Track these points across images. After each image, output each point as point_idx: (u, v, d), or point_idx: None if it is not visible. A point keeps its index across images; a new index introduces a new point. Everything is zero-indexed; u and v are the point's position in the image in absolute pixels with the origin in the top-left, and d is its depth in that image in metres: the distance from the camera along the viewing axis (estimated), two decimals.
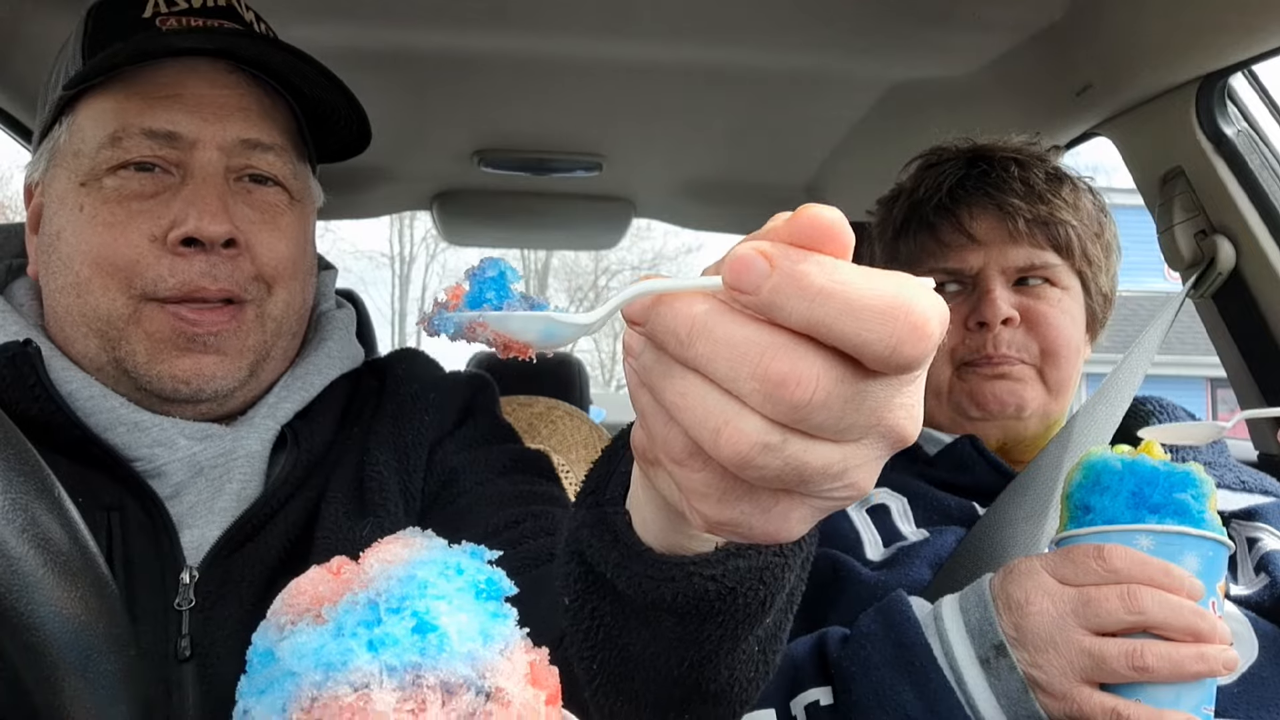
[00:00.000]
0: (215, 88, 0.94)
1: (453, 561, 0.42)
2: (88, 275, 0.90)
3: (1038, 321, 1.23)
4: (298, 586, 0.43)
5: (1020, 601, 0.85)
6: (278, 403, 0.98)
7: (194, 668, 0.86)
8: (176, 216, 0.89)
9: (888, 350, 0.37)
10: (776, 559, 0.56)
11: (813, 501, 0.43)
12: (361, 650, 0.38)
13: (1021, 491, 1.15)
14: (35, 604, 0.49)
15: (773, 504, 0.42)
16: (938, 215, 1.28)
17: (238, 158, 0.94)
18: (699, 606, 0.55)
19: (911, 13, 1.62)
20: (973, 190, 1.26)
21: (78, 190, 0.91)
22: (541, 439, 1.88)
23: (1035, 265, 1.24)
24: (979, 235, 1.25)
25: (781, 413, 0.38)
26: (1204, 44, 1.42)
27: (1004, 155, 1.29)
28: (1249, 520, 1.14)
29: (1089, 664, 0.81)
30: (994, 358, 1.22)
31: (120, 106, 0.91)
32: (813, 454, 0.39)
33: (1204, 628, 0.79)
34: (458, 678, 0.39)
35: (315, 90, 0.98)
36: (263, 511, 0.91)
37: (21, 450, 0.54)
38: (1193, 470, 0.85)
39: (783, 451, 0.39)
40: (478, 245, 3.28)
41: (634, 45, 1.79)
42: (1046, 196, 1.24)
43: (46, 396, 0.87)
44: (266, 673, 0.40)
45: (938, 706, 0.86)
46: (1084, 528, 0.87)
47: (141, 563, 0.87)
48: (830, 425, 0.39)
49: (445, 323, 0.43)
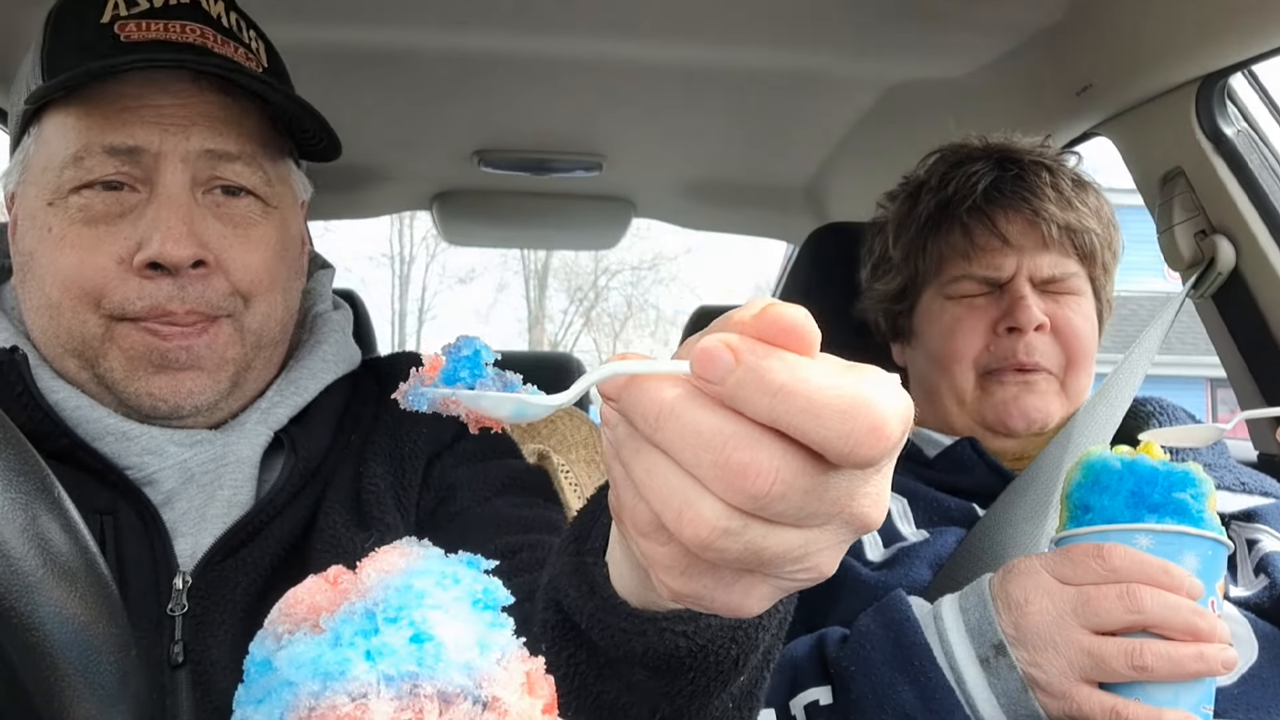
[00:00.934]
0: (177, 98, 0.91)
1: (449, 571, 0.42)
2: (58, 298, 0.89)
3: (1064, 328, 1.22)
4: (295, 596, 0.43)
5: (1020, 601, 0.85)
6: (270, 408, 0.97)
7: (187, 674, 0.85)
8: (142, 238, 0.87)
9: (847, 449, 0.38)
10: (750, 621, 0.57)
11: (774, 581, 0.44)
12: (359, 660, 0.38)
13: (1021, 492, 1.15)
14: (35, 604, 0.49)
15: (734, 581, 0.43)
16: (971, 216, 1.25)
17: (204, 169, 0.91)
18: (670, 661, 0.56)
19: (911, 13, 1.62)
20: (1008, 194, 1.24)
21: (45, 210, 0.90)
22: (541, 439, 1.88)
23: (1062, 273, 1.24)
24: (1012, 239, 1.23)
25: (741, 500, 0.39)
26: (1204, 44, 1.42)
27: (1033, 159, 1.27)
28: (1249, 522, 1.14)
29: (1088, 663, 0.81)
30: (1025, 365, 1.20)
31: (81, 124, 0.89)
32: (773, 539, 0.40)
33: (1203, 627, 0.79)
34: (454, 687, 0.39)
35: (277, 97, 0.94)
36: (257, 518, 0.90)
37: (21, 450, 0.54)
38: (1192, 470, 0.85)
39: (742, 536, 0.40)
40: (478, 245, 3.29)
41: (634, 45, 1.79)
42: (1075, 203, 1.24)
43: (34, 404, 0.86)
44: (264, 682, 0.40)
45: (937, 706, 0.86)
46: (1083, 527, 0.88)
47: (135, 567, 0.86)
48: (791, 513, 0.40)
49: (419, 398, 0.44)
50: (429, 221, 3.07)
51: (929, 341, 1.29)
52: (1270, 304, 1.52)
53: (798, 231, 2.49)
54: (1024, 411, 1.21)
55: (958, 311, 1.26)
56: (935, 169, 1.32)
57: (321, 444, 0.98)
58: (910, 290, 1.33)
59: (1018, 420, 1.21)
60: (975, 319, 1.24)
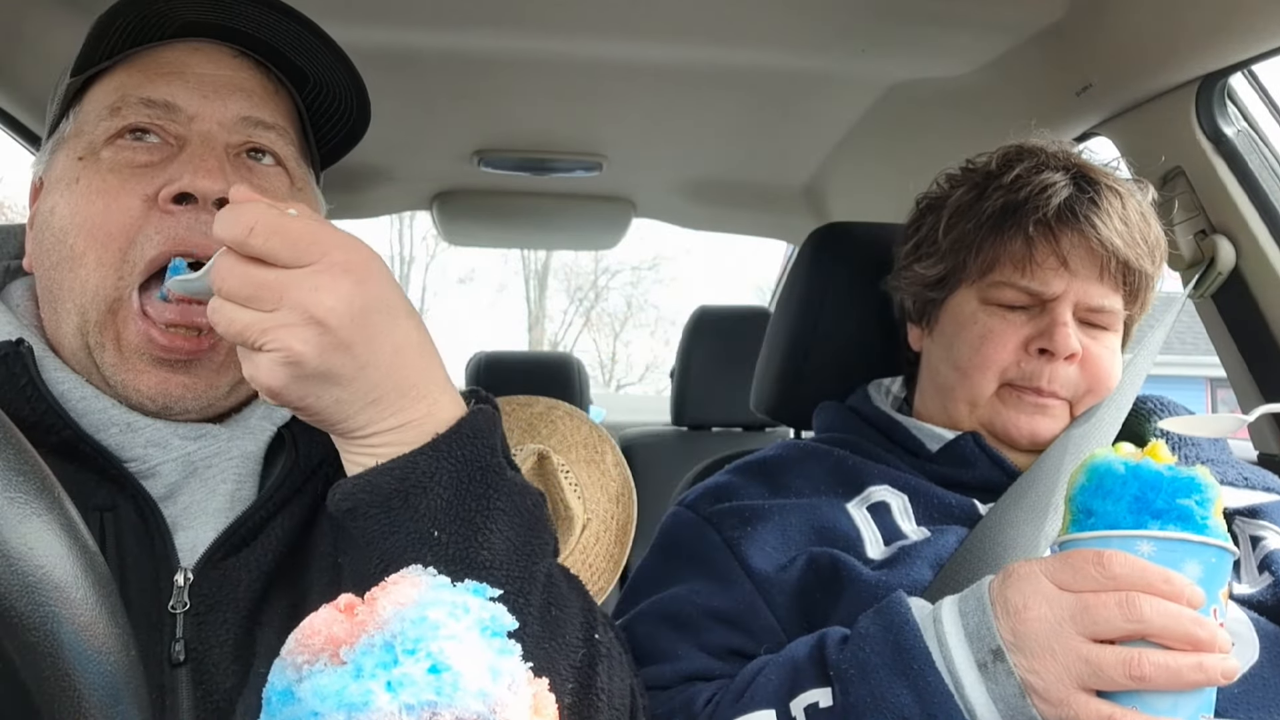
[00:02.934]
0: (219, 68, 0.93)
1: (459, 601, 0.45)
2: (82, 248, 0.88)
3: (1093, 363, 1.20)
4: (311, 626, 0.45)
5: (1018, 606, 0.84)
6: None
7: (188, 672, 0.84)
8: (171, 174, 0.88)
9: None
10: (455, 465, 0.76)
11: (266, 356, 0.71)
12: (381, 691, 0.40)
13: (1024, 492, 1.15)
14: (35, 604, 0.49)
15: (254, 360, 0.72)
16: (1038, 230, 1.20)
17: (238, 134, 0.93)
18: (383, 506, 0.76)
19: (911, 13, 1.62)
20: (1080, 216, 1.19)
21: (75, 165, 0.91)
22: (541, 439, 1.88)
23: (1107, 308, 1.21)
24: (1071, 263, 1.20)
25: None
26: (1204, 44, 1.42)
27: (1109, 185, 1.22)
28: (1253, 518, 1.14)
29: (1086, 671, 0.80)
30: (1045, 390, 1.19)
31: (121, 82, 0.92)
32: (237, 316, 0.71)
33: (1203, 637, 0.78)
34: (471, 714, 0.41)
35: (318, 69, 0.97)
36: (258, 515, 0.90)
37: (21, 449, 0.54)
38: (1197, 475, 0.83)
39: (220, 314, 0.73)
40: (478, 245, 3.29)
41: (634, 45, 1.79)
42: (1138, 239, 1.20)
43: (38, 396, 0.86)
44: (288, 712, 0.42)
45: (936, 710, 0.85)
46: (1085, 532, 0.87)
47: (135, 565, 0.86)
48: (241, 297, 0.71)
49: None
50: (429, 221, 3.07)
51: (955, 343, 1.26)
52: (1270, 304, 1.52)
53: (798, 231, 2.49)
54: (1033, 432, 1.20)
55: (991, 322, 1.23)
56: (1009, 165, 1.26)
57: (323, 440, 0.98)
58: (949, 280, 1.28)
59: (1023, 439, 1.21)
60: (1009, 333, 1.22)
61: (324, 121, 1.04)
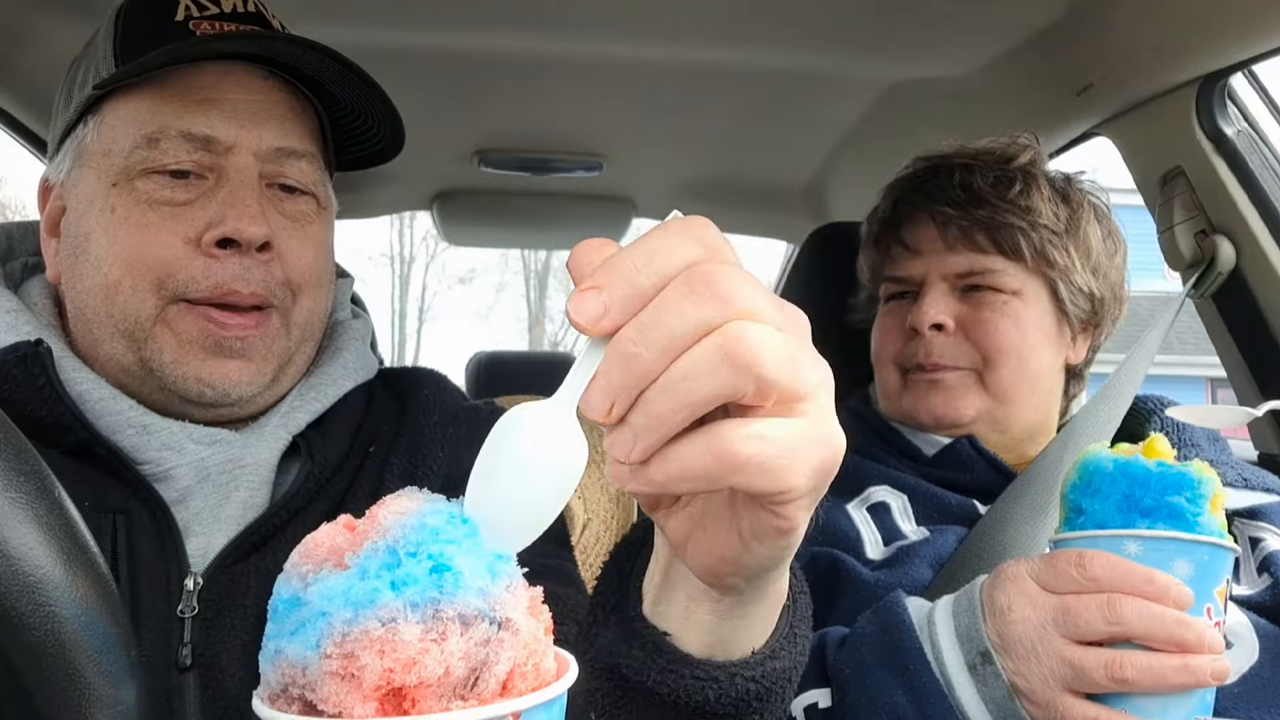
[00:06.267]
0: (251, 93, 0.93)
1: (457, 513, 0.47)
2: (118, 276, 0.89)
3: (975, 328, 1.22)
4: (314, 540, 0.46)
5: (1004, 608, 0.83)
6: (290, 411, 0.97)
7: (195, 676, 0.84)
8: (213, 218, 0.89)
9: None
10: (801, 659, 0.63)
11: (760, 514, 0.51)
12: (386, 590, 0.42)
13: (1022, 491, 1.15)
14: (35, 604, 0.49)
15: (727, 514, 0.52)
16: (883, 229, 1.32)
17: (271, 165, 0.93)
18: (738, 706, 0.60)
19: (911, 13, 1.62)
20: (911, 202, 1.29)
21: (109, 191, 0.90)
22: None
23: (976, 270, 1.23)
24: (913, 245, 1.27)
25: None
26: (1204, 44, 1.42)
27: (954, 161, 1.28)
28: (1252, 519, 1.14)
29: (1069, 673, 0.79)
30: (926, 365, 1.24)
31: (156, 108, 0.90)
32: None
33: (1189, 638, 0.77)
34: (473, 610, 0.43)
35: (348, 94, 0.97)
36: (271, 522, 0.90)
37: (21, 449, 0.54)
38: (1190, 471, 0.82)
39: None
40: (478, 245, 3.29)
41: (634, 45, 1.79)
42: (989, 200, 1.22)
43: (55, 397, 0.86)
44: (295, 615, 0.43)
45: (930, 711, 0.85)
46: (1075, 531, 0.86)
47: (146, 568, 0.86)
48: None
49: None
50: (429, 221, 3.07)
51: (873, 345, 1.37)
52: (1270, 304, 1.52)
53: (797, 231, 2.49)
54: (930, 409, 1.24)
55: (883, 318, 1.33)
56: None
57: (338, 451, 0.98)
58: (870, 301, 1.40)
59: (925, 417, 1.25)
60: (893, 322, 1.30)
61: (347, 134, 1.04)
